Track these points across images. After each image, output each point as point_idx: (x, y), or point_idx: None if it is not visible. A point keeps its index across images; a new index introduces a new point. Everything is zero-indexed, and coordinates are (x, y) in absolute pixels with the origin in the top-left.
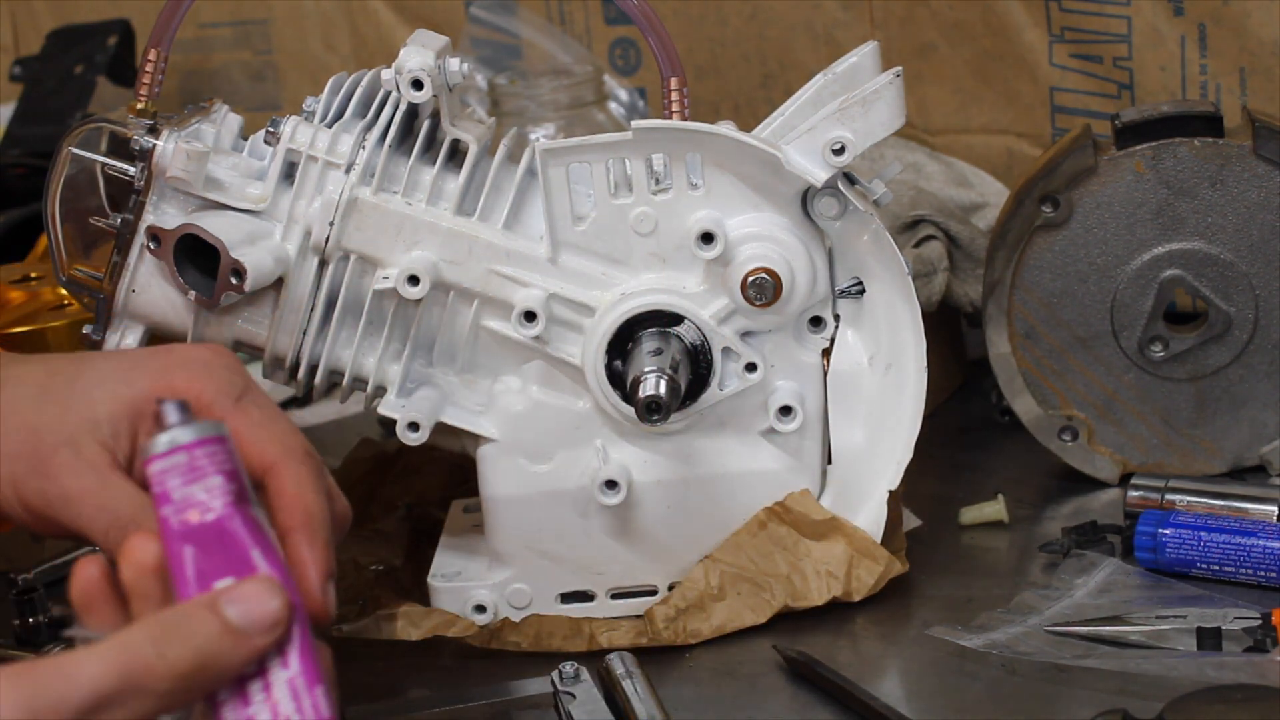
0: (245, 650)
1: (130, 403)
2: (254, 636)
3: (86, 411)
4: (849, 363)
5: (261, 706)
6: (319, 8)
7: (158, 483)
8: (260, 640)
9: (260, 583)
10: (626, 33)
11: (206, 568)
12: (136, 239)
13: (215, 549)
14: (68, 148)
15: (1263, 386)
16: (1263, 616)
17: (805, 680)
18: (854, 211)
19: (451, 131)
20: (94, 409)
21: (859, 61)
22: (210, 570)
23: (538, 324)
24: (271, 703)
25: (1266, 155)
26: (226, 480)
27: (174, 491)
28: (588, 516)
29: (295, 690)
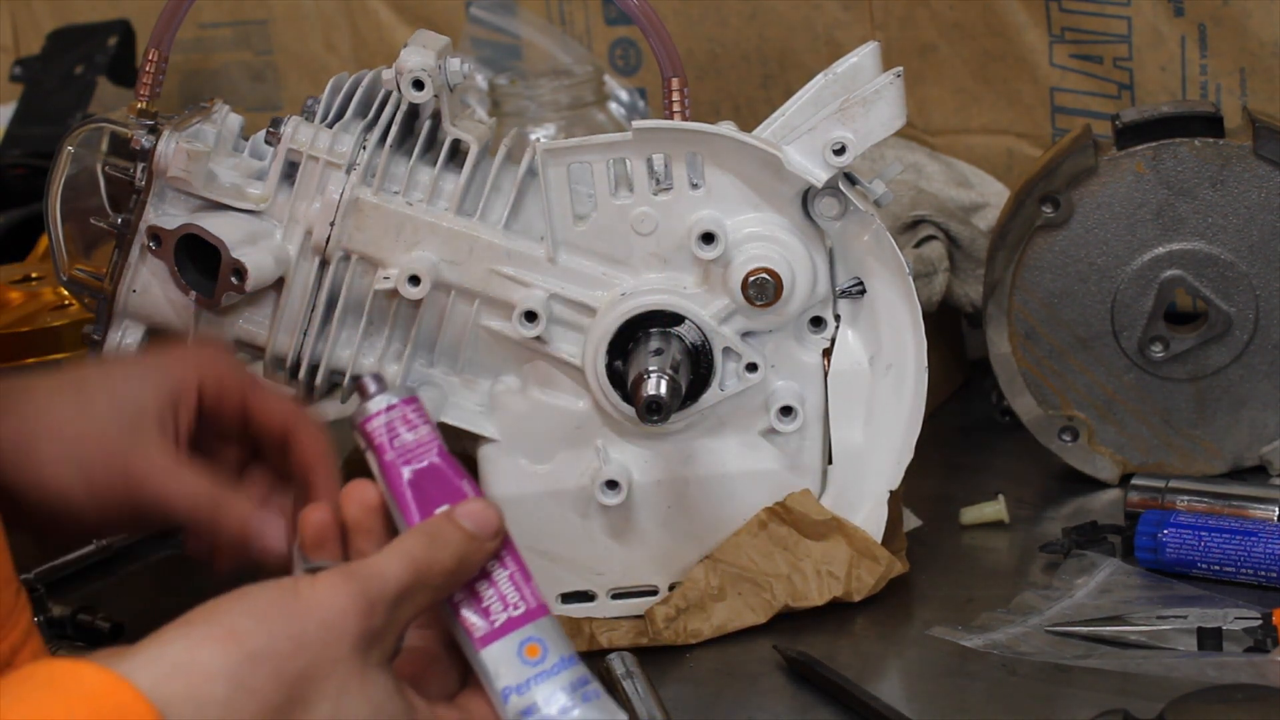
0: (481, 553)
1: (170, 393)
2: (485, 541)
3: (135, 406)
4: (849, 363)
5: (493, 599)
6: (319, 8)
7: (379, 434)
8: (490, 544)
9: (480, 501)
10: (626, 33)
11: (430, 498)
12: (137, 239)
13: (433, 483)
14: (68, 148)
15: (1263, 386)
16: (1263, 616)
17: (805, 680)
18: (854, 212)
19: (452, 132)
20: (142, 402)
21: (859, 62)
22: (433, 499)
23: (538, 324)
24: (500, 594)
25: (1267, 155)
26: (432, 429)
27: (395, 440)
28: (588, 516)
29: (516, 582)
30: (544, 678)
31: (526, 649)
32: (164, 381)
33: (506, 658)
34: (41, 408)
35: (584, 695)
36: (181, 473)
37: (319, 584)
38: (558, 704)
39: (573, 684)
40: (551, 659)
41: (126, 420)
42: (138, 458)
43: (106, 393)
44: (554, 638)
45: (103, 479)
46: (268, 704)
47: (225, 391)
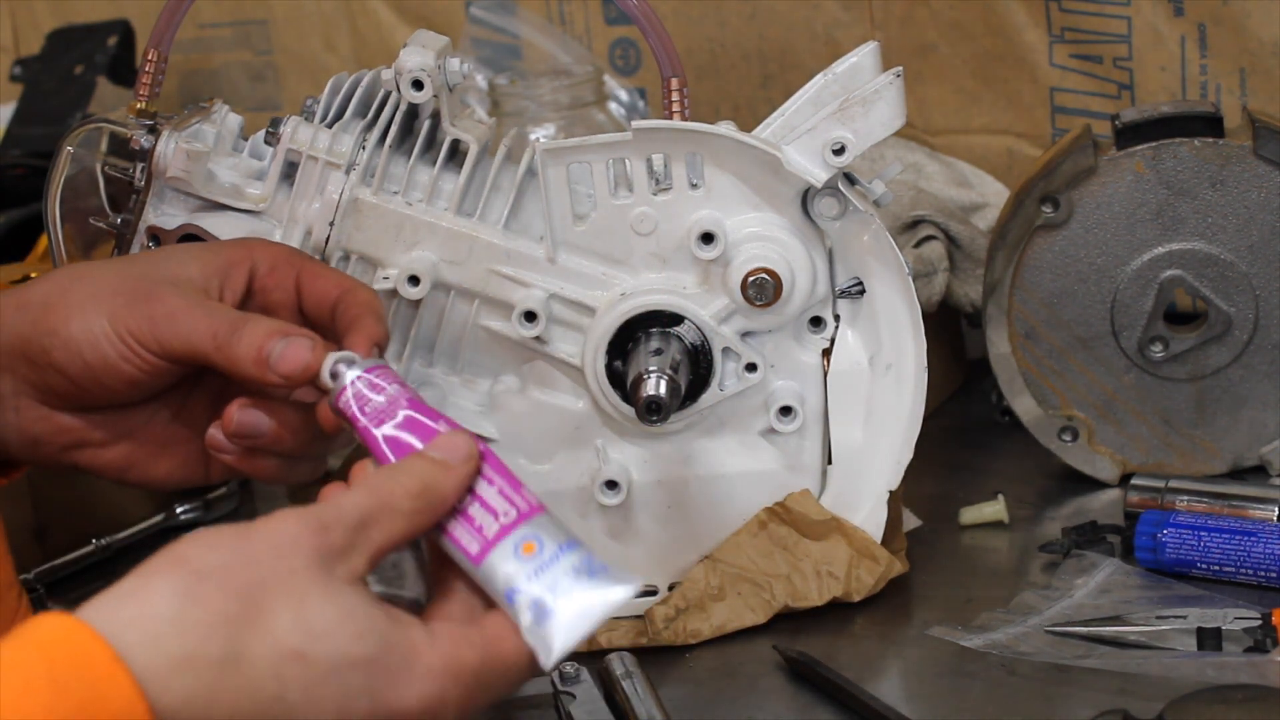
0: (453, 478)
1: (220, 264)
2: (457, 465)
3: (180, 270)
4: (849, 363)
5: (483, 515)
6: (319, 8)
7: (349, 408)
8: (462, 468)
9: (450, 432)
10: (626, 33)
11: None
12: (136, 239)
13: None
14: (68, 148)
15: (1263, 386)
16: (1263, 616)
17: (805, 680)
18: (854, 211)
19: (452, 132)
20: (187, 268)
21: (859, 61)
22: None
23: (538, 324)
24: (489, 509)
25: (1266, 155)
26: (400, 386)
27: (366, 406)
28: (587, 516)
29: (505, 494)
30: (544, 569)
31: (523, 548)
32: (212, 259)
33: (503, 562)
34: (79, 269)
35: (590, 572)
36: (206, 304)
37: (271, 517)
38: (562, 589)
39: (575, 568)
40: (549, 550)
41: (168, 275)
42: (164, 295)
43: (150, 261)
44: (550, 530)
45: (124, 311)
46: (219, 613)
47: (277, 273)
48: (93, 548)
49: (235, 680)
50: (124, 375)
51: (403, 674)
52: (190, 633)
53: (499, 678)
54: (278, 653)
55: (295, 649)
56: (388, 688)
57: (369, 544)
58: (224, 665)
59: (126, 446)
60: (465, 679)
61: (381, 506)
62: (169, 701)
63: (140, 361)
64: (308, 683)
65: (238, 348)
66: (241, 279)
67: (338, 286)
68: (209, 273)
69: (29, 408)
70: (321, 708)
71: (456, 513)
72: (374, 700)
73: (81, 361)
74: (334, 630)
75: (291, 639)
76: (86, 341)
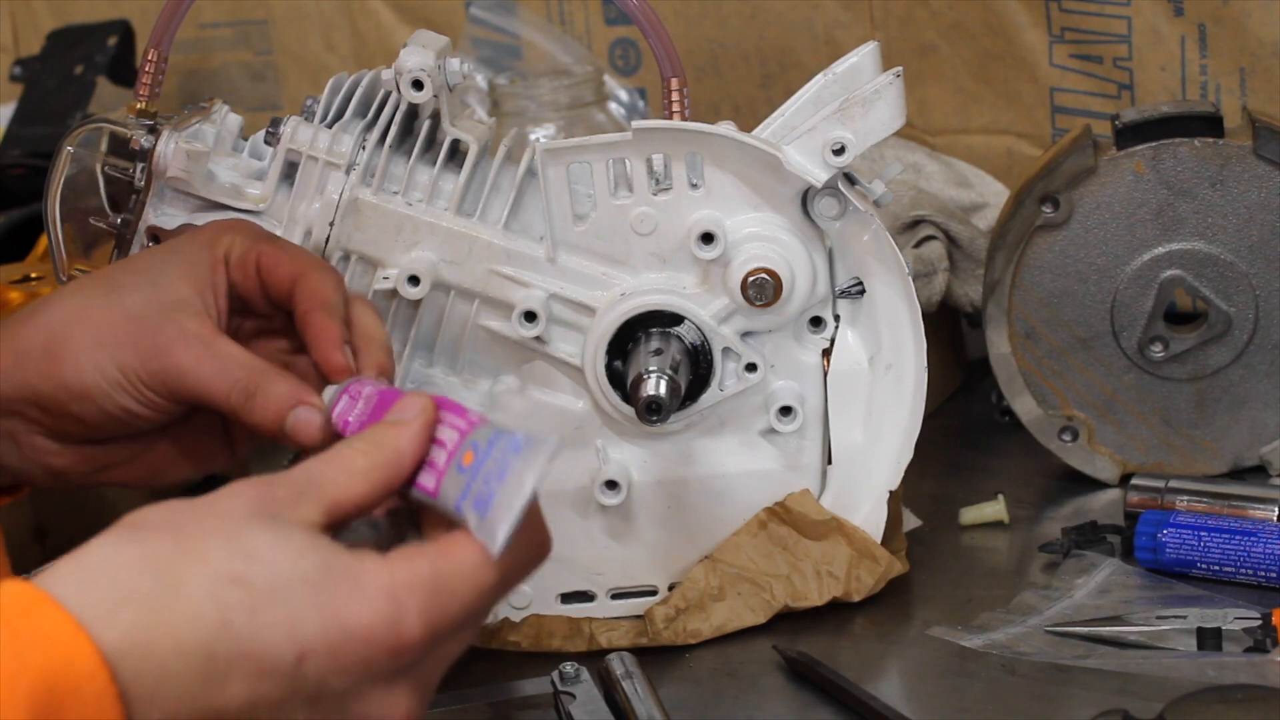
0: (406, 431)
1: (204, 274)
2: (409, 420)
3: (171, 294)
4: (849, 363)
5: (435, 451)
6: (319, 8)
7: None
8: (415, 421)
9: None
10: (626, 33)
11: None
12: (136, 239)
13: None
14: (68, 148)
15: (1263, 386)
16: (1263, 616)
17: (805, 680)
18: (854, 212)
19: (451, 132)
20: (179, 289)
21: (859, 62)
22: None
23: (538, 324)
24: (440, 443)
25: (1266, 155)
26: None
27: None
28: (587, 516)
29: (451, 424)
30: (478, 469)
31: (464, 460)
32: (195, 274)
33: (451, 481)
34: (70, 306)
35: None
36: (218, 347)
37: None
38: (493, 476)
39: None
40: (481, 450)
41: (161, 305)
42: (171, 335)
43: (138, 284)
44: (484, 433)
45: (135, 363)
46: (150, 551)
47: (243, 264)
48: None
49: (174, 609)
50: (143, 416)
51: (351, 589)
52: (122, 572)
53: (460, 581)
54: (214, 578)
55: (232, 572)
56: (336, 603)
57: (320, 496)
58: (159, 596)
59: (150, 457)
60: (419, 587)
61: (332, 466)
62: (113, 639)
63: (157, 405)
64: (251, 605)
65: (255, 414)
66: (223, 281)
67: (292, 271)
68: (200, 289)
69: (44, 444)
70: (270, 631)
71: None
72: (324, 617)
73: (99, 409)
74: (271, 552)
75: (227, 564)
76: (100, 392)
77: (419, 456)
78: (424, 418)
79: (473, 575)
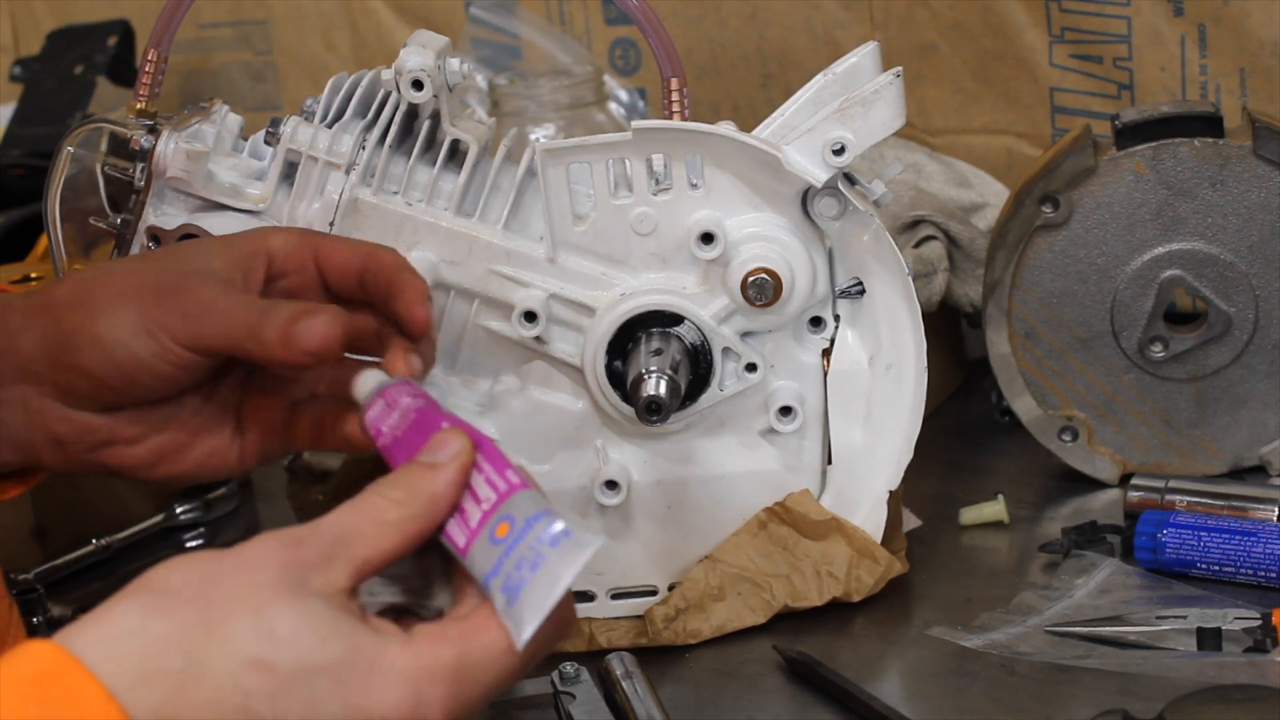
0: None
1: (239, 257)
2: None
3: (203, 263)
4: (849, 363)
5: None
6: (319, 8)
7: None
8: (451, 465)
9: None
10: (626, 33)
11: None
12: (136, 239)
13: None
14: (68, 148)
15: (1263, 386)
16: (1263, 616)
17: (805, 680)
18: (854, 212)
19: (451, 132)
20: (210, 262)
21: (859, 61)
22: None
23: (538, 324)
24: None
25: (1266, 155)
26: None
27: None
28: (587, 516)
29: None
30: (513, 547)
31: (497, 530)
32: (233, 252)
33: (483, 550)
34: (103, 268)
35: (552, 541)
36: (235, 294)
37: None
38: (528, 563)
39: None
40: (518, 527)
41: (191, 269)
42: (194, 283)
43: (172, 255)
44: (523, 506)
45: (153, 308)
46: (177, 625)
47: (295, 256)
48: (93, 548)
49: (198, 692)
50: (156, 372)
51: (372, 678)
52: (149, 646)
53: (483, 670)
54: (238, 661)
55: (255, 657)
56: (358, 693)
57: (349, 558)
58: (185, 677)
59: (155, 441)
60: (443, 676)
61: (364, 519)
62: (141, 715)
63: (173, 357)
64: (272, 691)
65: (264, 331)
66: (261, 268)
67: (357, 255)
68: (231, 265)
69: (53, 409)
70: (289, 717)
71: (452, 509)
72: (345, 706)
73: (110, 361)
74: (295, 637)
75: (251, 647)
76: (115, 340)
77: (454, 503)
78: (460, 461)
79: (496, 662)
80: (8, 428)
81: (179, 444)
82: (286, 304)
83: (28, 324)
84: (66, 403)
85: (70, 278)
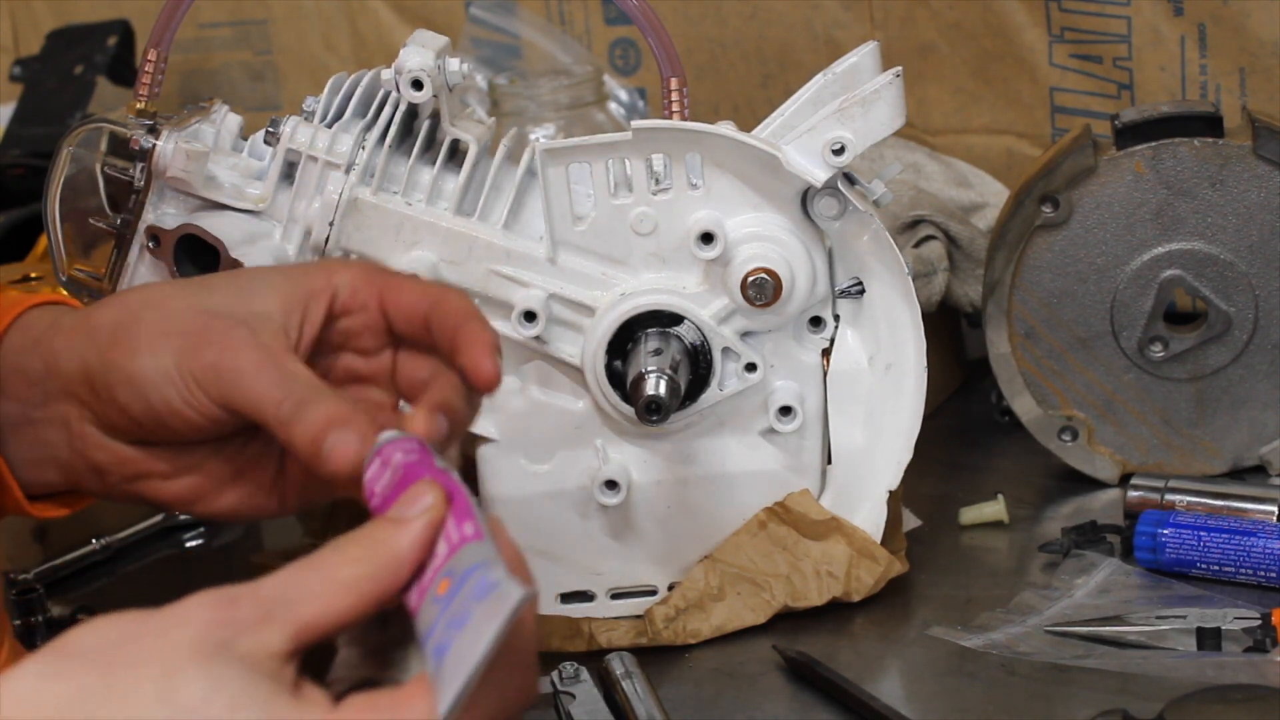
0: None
1: (300, 296)
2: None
3: (259, 304)
4: (849, 363)
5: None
6: (319, 8)
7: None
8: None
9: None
10: (626, 33)
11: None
12: (136, 239)
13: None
14: (68, 148)
15: (1263, 386)
16: (1263, 616)
17: (805, 680)
18: (854, 211)
19: (451, 131)
20: (266, 301)
21: (859, 61)
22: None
23: (538, 324)
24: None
25: (1266, 155)
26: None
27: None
28: (588, 516)
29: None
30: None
31: (439, 588)
32: (293, 291)
33: (427, 610)
34: (152, 292)
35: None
36: (283, 361)
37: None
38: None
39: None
40: (456, 583)
41: (241, 311)
42: (239, 339)
43: (227, 288)
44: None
45: (192, 358)
46: (76, 688)
47: (358, 295)
48: (93, 547)
49: None
50: (186, 420)
51: None
52: (44, 709)
53: None
54: None
55: None
56: None
57: (289, 619)
58: None
59: (191, 480)
60: None
61: (315, 576)
62: None
63: (203, 408)
64: None
65: (295, 430)
66: (321, 309)
67: (424, 298)
68: (289, 306)
69: (93, 435)
70: None
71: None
72: None
73: (144, 401)
74: (202, 703)
75: (150, 712)
76: (150, 382)
77: (419, 562)
78: (429, 516)
79: None
80: (52, 447)
81: (214, 486)
82: (324, 402)
83: (70, 346)
84: (104, 431)
85: (116, 301)
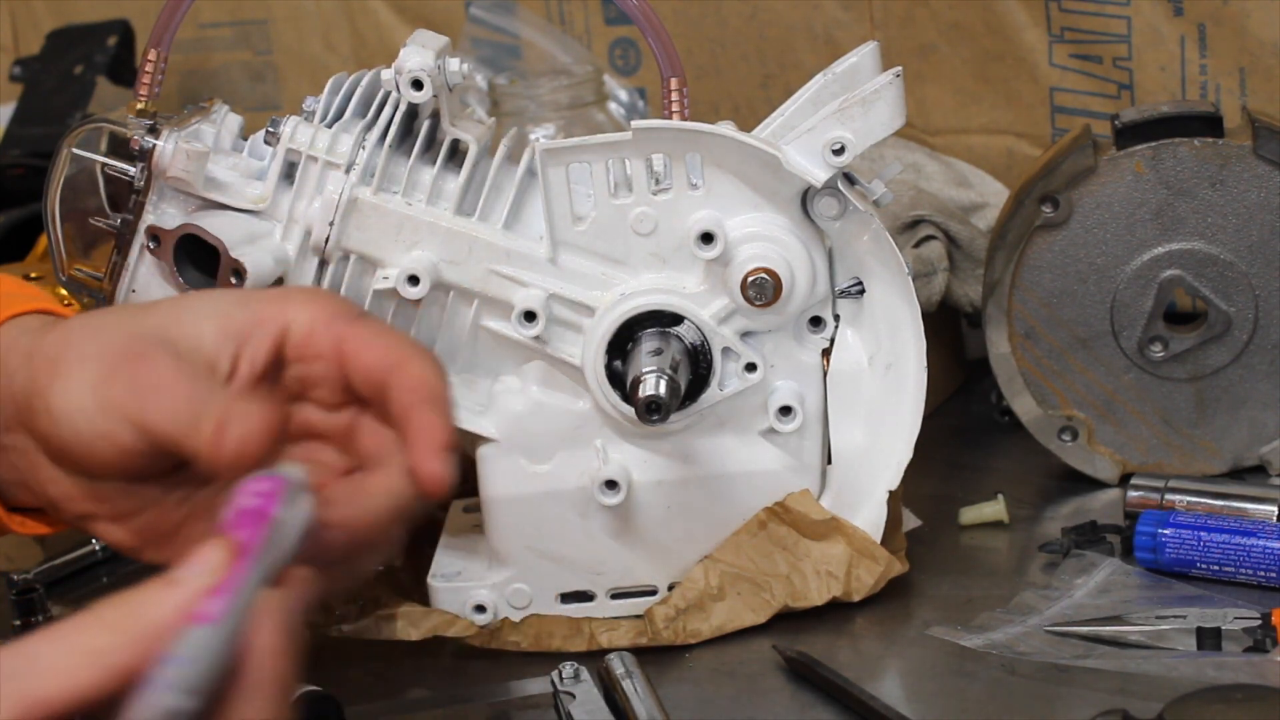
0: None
1: (241, 325)
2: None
3: (192, 328)
4: (849, 363)
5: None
6: (319, 8)
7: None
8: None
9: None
10: (626, 33)
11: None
12: (136, 239)
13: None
14: (68, 148)
15: (1263, 386)
16: (1263, 616)
17: (805, 680)
18: (854, 211)
19: (451, 131)
20: (200, 326)
21: (859, 61)
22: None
23: (538, 324)
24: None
25: (1266, 155)
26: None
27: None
28: (588, 516)
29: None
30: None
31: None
32: (234, 318)
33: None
34: (93, 318)
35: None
36: (196, 387)
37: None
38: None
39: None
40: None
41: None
42: (157, 360)
43: (167, 314)
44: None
45: (110, 390)
46: None
47: (315, 339)
48: (93, 548)
49: None
50: (101, 451)
51: None
52: None
53: None
54: None
55: None
56: None
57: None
58: None
59: (134, 526)
60: None
61: (59, 646)
62: None
63: (115, 438)
64: None
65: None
66: (265, 344)
67: (385, 361)
68: (225, 335)
69: (44, 467)
70: None
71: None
72: None
73: (60, 430)
74: None
75: None
76: (63, 410)
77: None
78: (203, 582)
79: None
80: (18, 471)
81: (159, 537)
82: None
83: (17, 369)
84: (53, 462)
85: (69, 321)
